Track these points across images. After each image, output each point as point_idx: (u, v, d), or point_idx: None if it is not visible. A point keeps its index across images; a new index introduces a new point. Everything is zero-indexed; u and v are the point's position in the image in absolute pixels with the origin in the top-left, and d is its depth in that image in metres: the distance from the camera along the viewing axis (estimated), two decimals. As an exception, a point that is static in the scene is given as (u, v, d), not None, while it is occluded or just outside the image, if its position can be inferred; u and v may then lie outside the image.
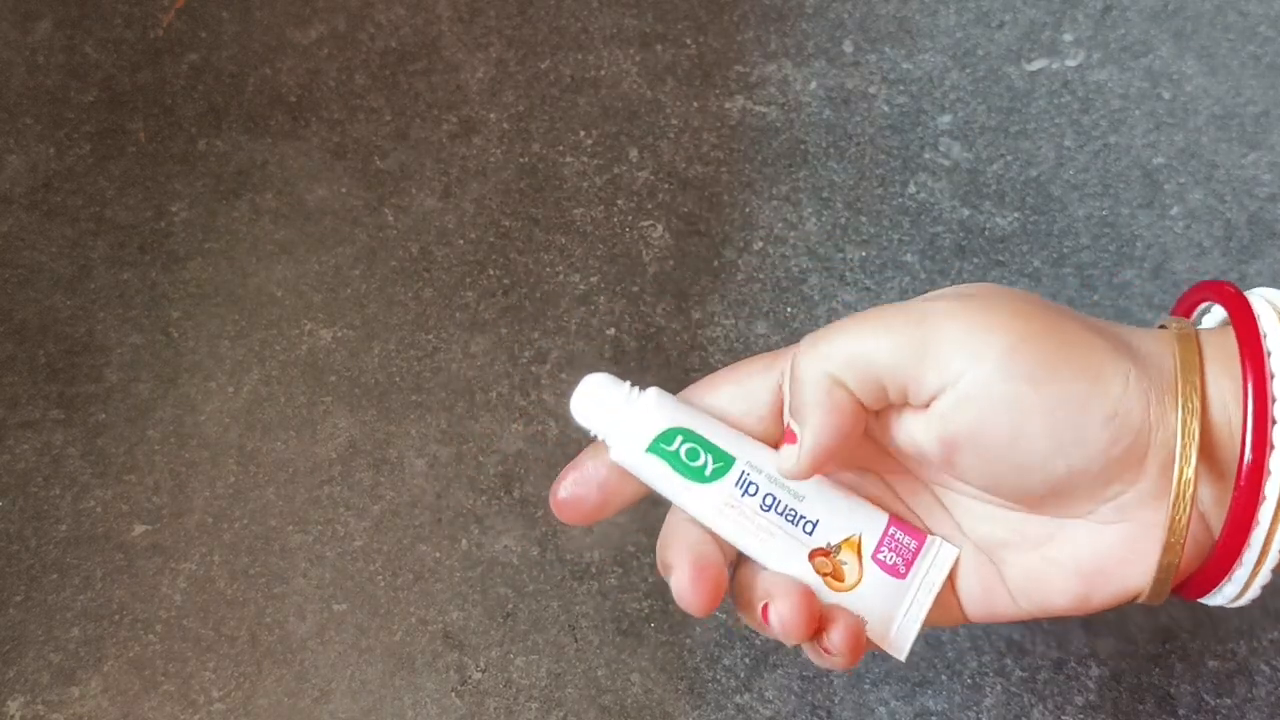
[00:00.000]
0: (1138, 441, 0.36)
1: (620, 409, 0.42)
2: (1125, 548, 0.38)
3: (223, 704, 0.59)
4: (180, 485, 0.64)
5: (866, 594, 0.40)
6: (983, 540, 0.42)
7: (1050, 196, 0.69)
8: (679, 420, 0.41)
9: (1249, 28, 0.73)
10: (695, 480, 0.41)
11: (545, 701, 0.59)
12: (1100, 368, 0.36)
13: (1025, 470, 0.37)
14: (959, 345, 0.36)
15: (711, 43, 0.75)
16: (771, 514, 0.40)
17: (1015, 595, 0.41)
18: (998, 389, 0.36)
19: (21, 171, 0.73)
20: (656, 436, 0.41)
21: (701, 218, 0.70)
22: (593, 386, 0.42)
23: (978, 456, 0.38)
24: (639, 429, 0.41)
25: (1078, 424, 0.36)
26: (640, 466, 0.41)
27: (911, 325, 0.37)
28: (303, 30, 0.77)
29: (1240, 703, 0.57)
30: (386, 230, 0.71)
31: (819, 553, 0.40)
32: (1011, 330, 0.36)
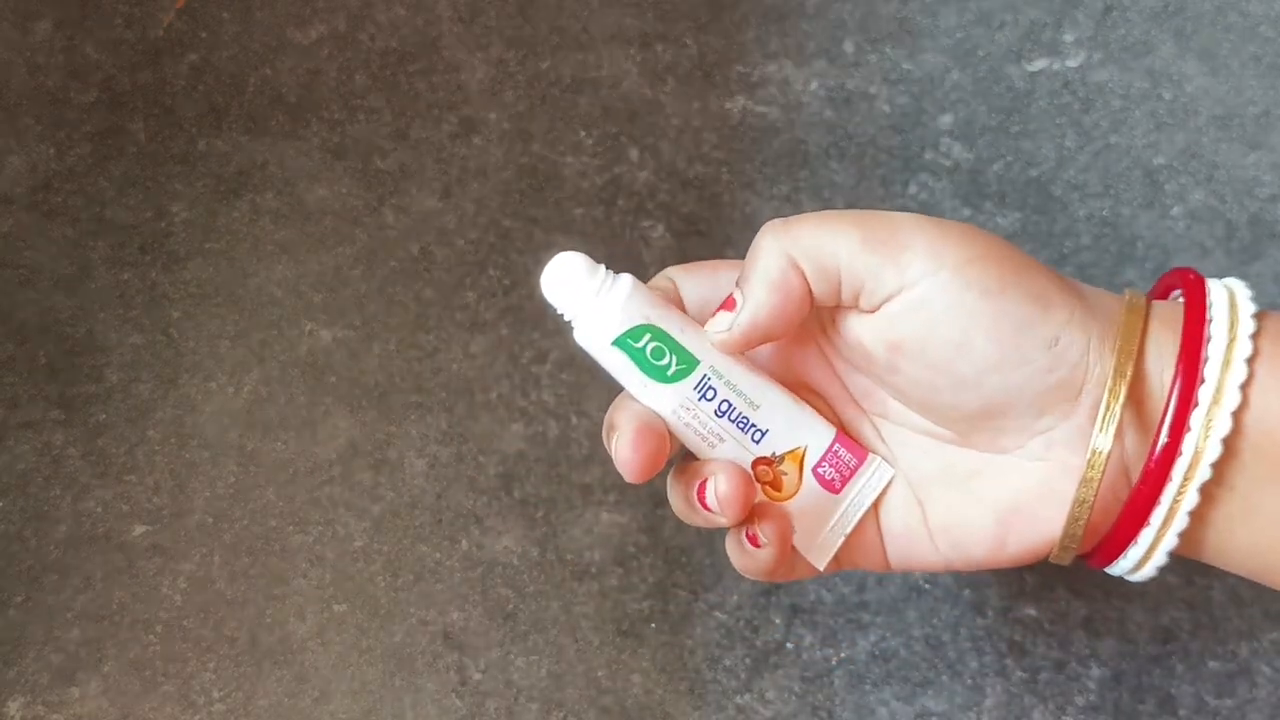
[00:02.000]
0: (1073, 375, 0.38)
1: (592, 295, 0.43)
2: (1045, 487, 0.39)
3: (223, 704, 0.59)
4: (180, 485, 0.64)
5: (799, 505, 0.42)
6: (912, 475, 0.43)
7: (1051, 196, 0.69)
8: (649, 316, 0.42)
9: (1250, 28, 0.73)
10: (655, 379, 0.42)
11: (546, 702, 0.59)
12: (1049, 297, 0.38)
13: (963, 384, 0.38)
14: (920, 252, 0.38)
15: (712, 43, 0.75)
16: (724, 420, 0.41)
17: (935, 536, 0.42)
18: (951, 296, 0.37)
19: (21, 171, 0.73)
20: (625, 331, 0.42)
21: (702, 218, 0.70)
22: (565, 266, 0.43)
23: (920, 363, 0.39)
24: (608, 320, 0.42)
25: (1020, 342, 0.37)
26: (604, 357, 0.42)
27: (879, 226, 0.38)
28: (303, 30, 0.77)
29: (1241, 704, 0.57)
30: (386, 230, 0.71)
31: (761, 461, 0.41)
32: (973, 246, 0.38)
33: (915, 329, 0.38)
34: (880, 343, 0.40)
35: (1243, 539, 0.40)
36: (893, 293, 0.38)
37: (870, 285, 0.38)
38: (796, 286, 0.39)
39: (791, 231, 0.39)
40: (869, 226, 0.38)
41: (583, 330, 0.43)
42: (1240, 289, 0.40)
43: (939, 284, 0.37)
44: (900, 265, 0.38)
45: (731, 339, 0.40)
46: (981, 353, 0.38)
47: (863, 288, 0.39)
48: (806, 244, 0.38)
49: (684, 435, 0.42)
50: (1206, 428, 0.37)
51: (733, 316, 0.40)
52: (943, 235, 0.38)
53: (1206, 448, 0.37)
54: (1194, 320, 0.38)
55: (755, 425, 0.41)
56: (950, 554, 0.42)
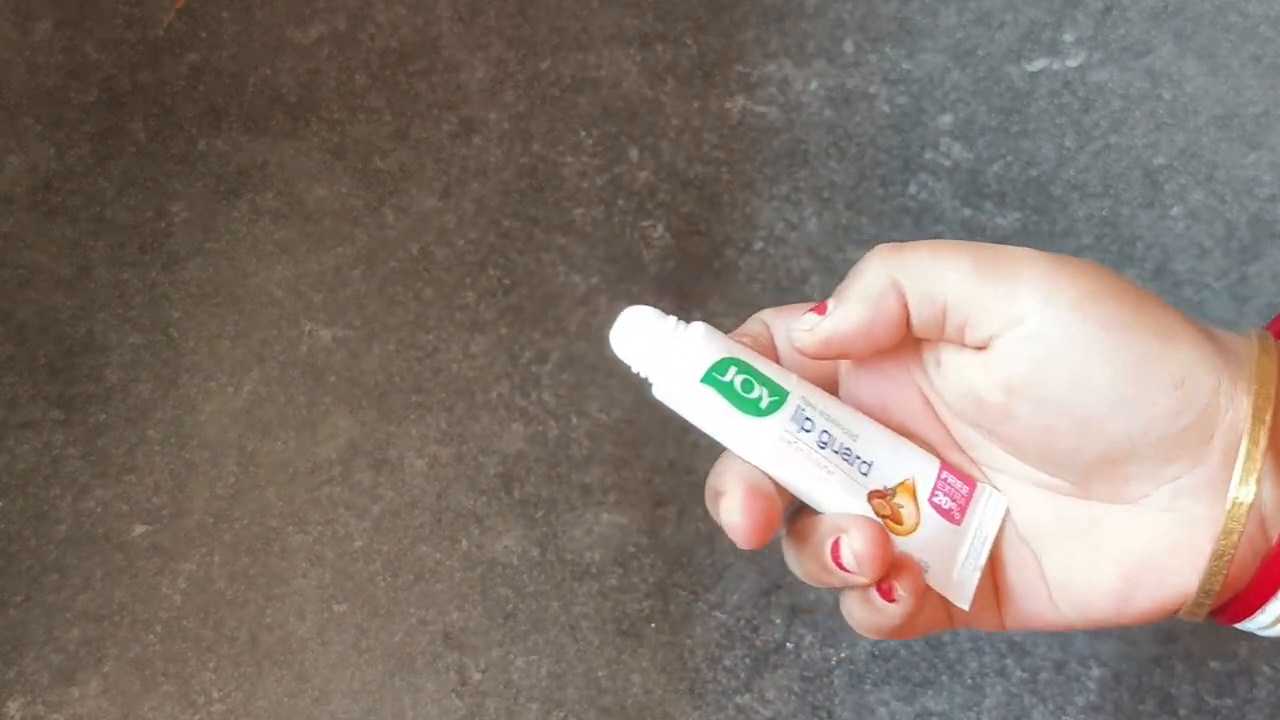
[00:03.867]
0: (1203, 420, 0.35)
1: (667, 341, 0.39)
2: (1175, 540, 0.36)
3: (223, 704, 0.59)
4: (180, 485, 0.64)
5: (925, 539, 0.38)
6: (1027, 527, 0.40)
7: (1051, 196, 0.69)
8: (730, 350, 0.39)
9: (1250, 28, 0.73)
10: (751, 413, 0.38)
11: (546, 702, 0.59)
12: (1174, 334, 0.35)
13: (1084, 427, 0.36)
14: (1035, 284, 0.35)
15: (712, 42, 0.75)
16: (828, 452, 0.38)
17: (1055, 593, 0.39)
18: (1068, 331, 0.35)
19: (21, 171, 0.73)
20: (710, 367, 0.38)
21: (702, 218, 0.70)
22: (636, 318, 0.40)
23: (1036, 404, 0.36)
24: (690, 360, 0.39)
25: (1144, 380, 0.35)
26: (690, 400, 0.38)
27: (992, 255, 0.36)
28: (303, 30, 0.77)
29: (1241, 703, 0.57)
30: (386, 230, 0.71)
31: (876, 494, 0.38)
32: (1090, 281, 0.35)
33: (1029, 366, 0.36)
34: (992, 384, 0.37)
35: None
36: (1004, 327, 0.36)
37: (978, 317, 0.36)
38: (893, 307, 0.37)
39: (901, 254, 0.37)
40: (981, 256, 0.36)
41: (664, 378, 0.40)
42: None
43: (1055, 318, 0.35)
44: (1013, 297, 0.35)
45: (812, 340, 0.38)
46: (1103, 391, 0.35)
47: (969, 319, 0.37)
48: (914, 269, 0.37)
49: (791, 473, 0.38)
50: None
51: (818, 319, 0.38)
52: (1059, 268, 0.36)
53: None
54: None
55: (859, 457, 0.38)
56: (1071, 613, 0.39)
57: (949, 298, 0.36)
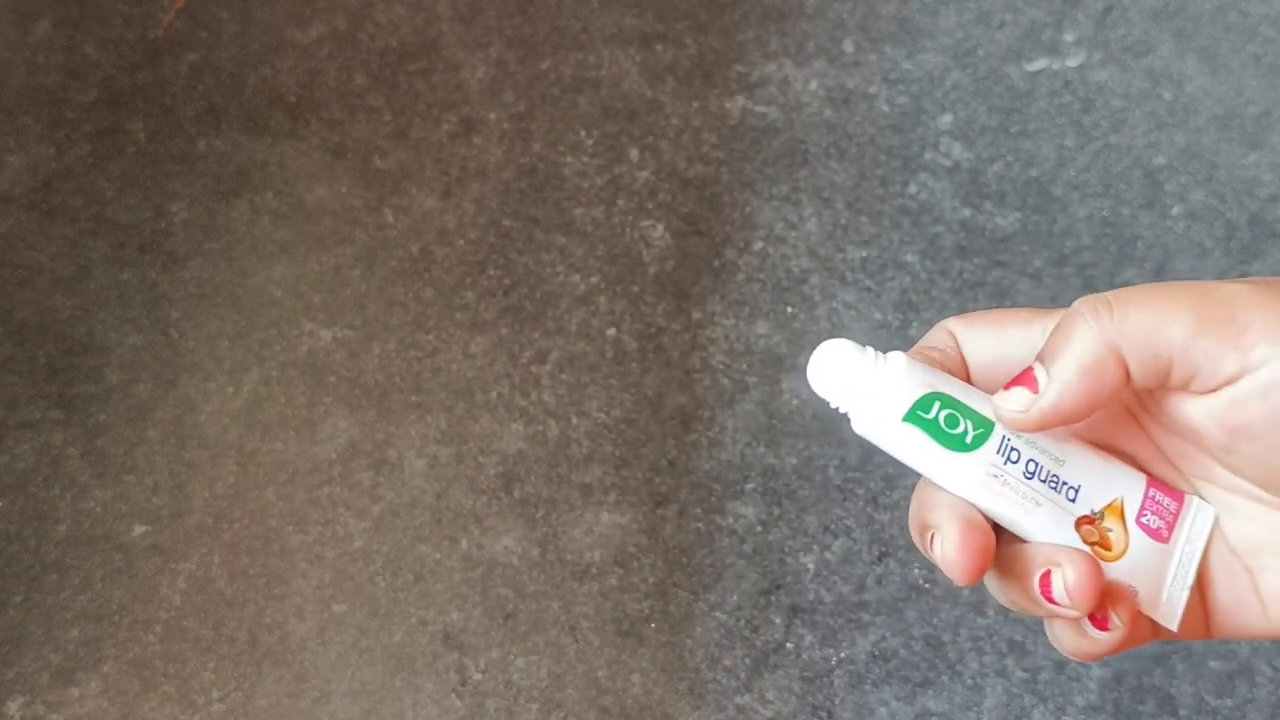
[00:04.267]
0: None
1: (867, 377, 0.38)
2: None
3: (222, 704, 0.59)
4: (180, 485, 0.64)
5: (1134, 562, 0.37)
6: (1240, 542, 0.38)
7: (1051, 196, 0.69)
8: (933, 384, 0.38)
9: (1250, 28, 0.73)
10: (956, 449, 0.37)
11: (545, 702, 0.59)
12: None
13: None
14: (1265, 330, 0.34)
15: (712, 42, 0.75)
16: (1035, 481, 0.37)
17: (1269, 606, 0.37)
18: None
19: (21, 171, 0.73)
20: (914, 403, 0.37)
21: (702, 218, 0.70)
22: (833, 352, 0.39)
23: (1267, 446, 0.35)
24: (893, 396, 0.37)
25: None
26: (894, 438, 0.37)
27: (1214, 304, 0.34)
28: (303, 30, 0.77)
29: (1241, 703, 0.57)
30: (386, 230, 0.71)
31: (1084, 520, 0.37)
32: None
33: (1263, 414, 0.34)
34: (1217, 425, 0.36)
35: None
36: (1234, 376, 0.34)
37: (1207, 370, 0.35)
38: (1112, 375, 0.35)
39: (1115, 315, 0.35)
40: (1202, 305, 0.34)
41: (864, 415, 0.39)
42: None
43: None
44: (1242, 349, 0.34)
45: (1028, 421, 0.36)
46: None
47: (1198, 373, 0.35)
48: (1133, 330, 0.34)
49: (997, 506, 0.37)
50: None
51: (1033, 398, 0.36)
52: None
53: None
54: None
55: (1066, 483, 0.37)
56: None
57: (1174, 355, 0.35)
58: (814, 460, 0.64)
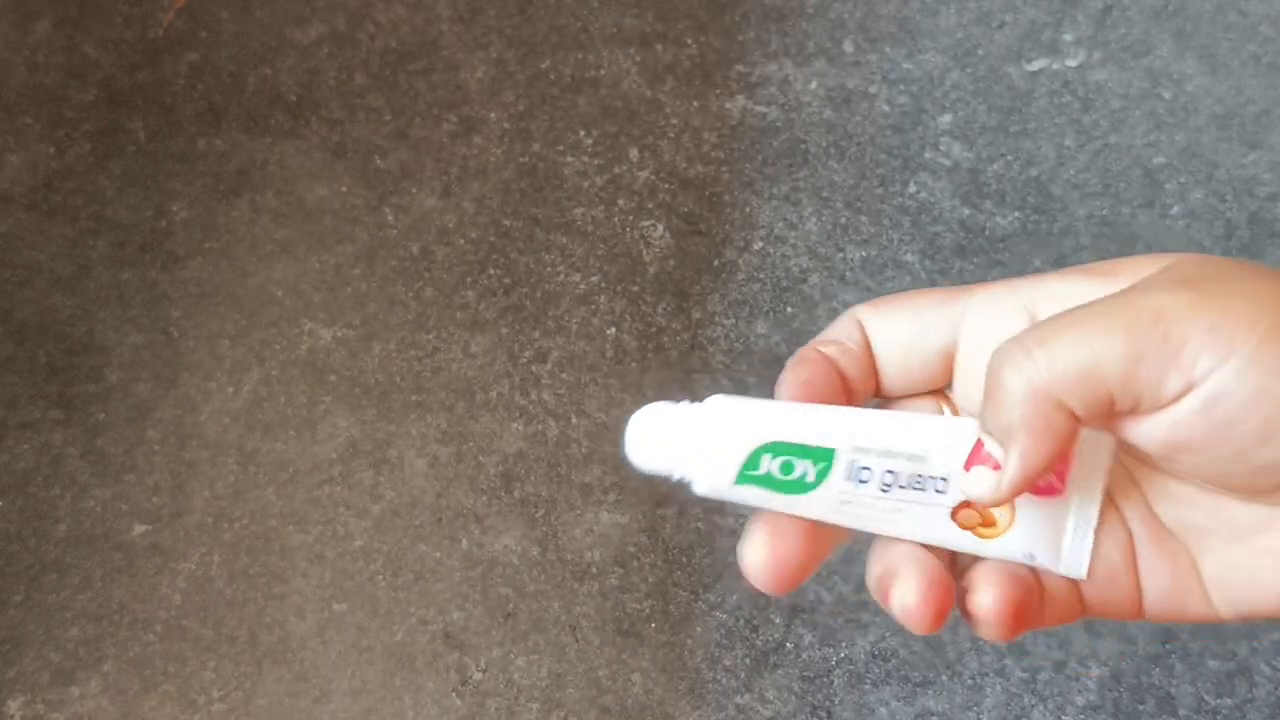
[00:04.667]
0: None
1: (689, 442, 0.37)
2: None
3: (222, 704, 0.59)
4: (180, 485, 0.64)
5: (1026, 529, 0.35)
6: (1179, 526, 0.37)
7: (1051, 196, 0.69)
8: (760, 434, 0.36)
9: (1249, 27, 0.73)
10: (799, 493, 0.36)
11: (546, 702, 0.59)
12: None
13: (1261, 470, 0.33)
14: (1203, 345, 0.32)
15: (712, 42, 0.75)
16: (894, 490, 0.36)
17: (1211, 592, 0.36)
18: (1247, 388, 0.32)
19: (21, 171, 0.73)
20: (742, 466, 0.36)
21: (702, 217, 0.70)
22: (648, 423, 0.37)
23: (1210, 457, 0.34)
24: (719, 461, 0.36)
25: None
26: (734, 498, 0.37)
27: (1146, 326, 0.32)
28: (303, 30, 0.77)
29: (1240, 703, 0.57)
30: (386, 230, 0.71)
31: (962, 506, 0.35)
32: (1259, 323, 0.32)
33: (1205, 430, 0.33)
34: (1158, 444, 0.34)
35: None
36: (1178, 395, 0.32)
37: (1149, 396, 0.33)
38: (1063, 424, 0.33)
39: (1042, 364, 0.33)
40: (1134, 328, 0.32)
41: (699, 481, 0.38)
42: None
43: (1232, 374, 0.32)
44: (1183, 368, 0.32)
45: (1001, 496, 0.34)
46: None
47: (1140, 400, 0.33)
48: (1064, 374, 0.32)
49: (860, 526, 0.37)
50: None
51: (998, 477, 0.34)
52: (1223, 314, 0.32)
53: None
54: None
55: (931, 477, 0.35)
56: (1226, 609, 0.36)
57: (1114, 389, 0.33)
58: (814, 460, 0.63)
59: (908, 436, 0.37)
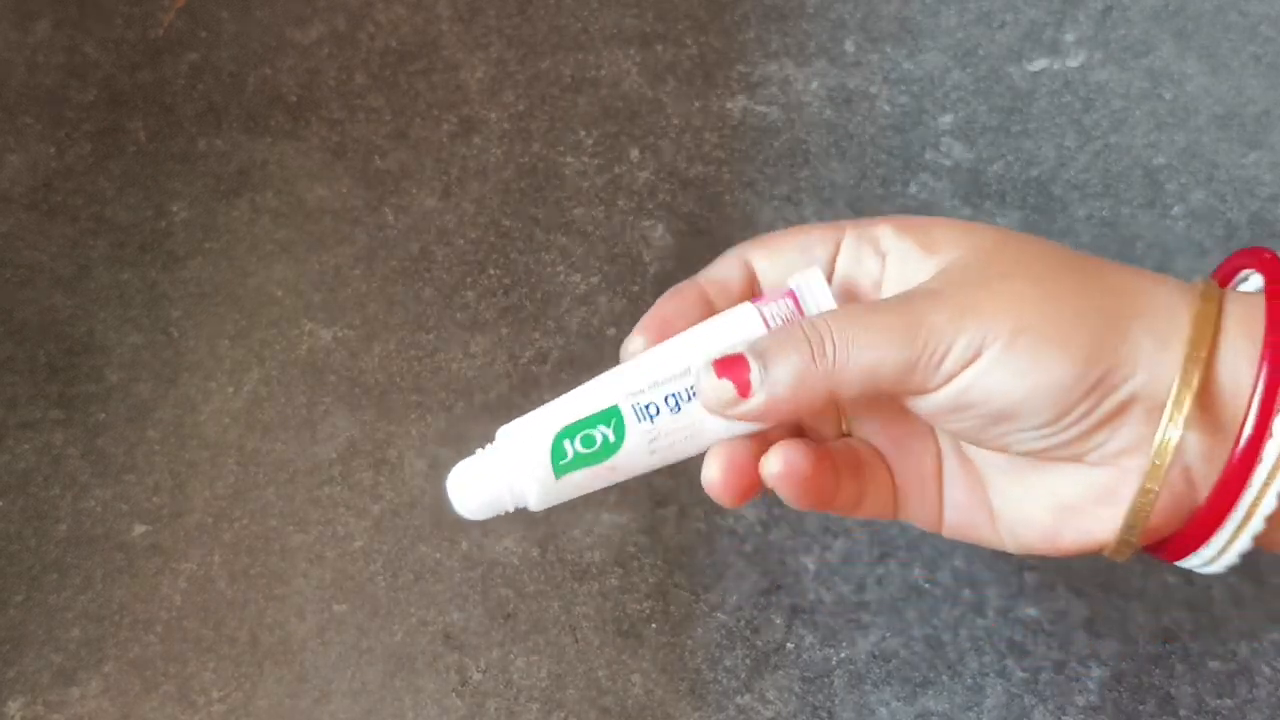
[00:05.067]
0: (1121, 398, 0.38)
1: (500, 471, 0.40)
2: (1105, 489, 0.39)
3: (223, 704, 0.59)
4: (180, 485, 0.64)
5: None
6: (975, 459, 0.43)
7: (1051, 196, 0.69)
8: (550, 428, 0.40)
9: (1250, 27, 0.73)
10: (611, 454, 0.40)
11: (546, 702, 0.59)
12: (1095, 345, 0.37)
13: (1013, 444, 0.39)
14: (959, 355, 0.37)
15: (712, 42, 0.75)
16: (686, 407, 0.40)
17: (995, 517, 0.42)
18: (987, 384, 0.37)
19: (21, 171, 0.73)
20: (551, 460, 0.39)
21: (702, 218, 0.70)
22: (460, 478, 0.41)
23: (960, 429, 0.39)
24: (530, 468, 0.40)
25: (1068, 399, 0.37)
26: (568, 491, 0.40)
27: (920, 341, 0.37)
28: (303, 30, 0.77)
29: (1241, 704, 0.57)
30: (386, 230, 0.71)
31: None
32: (1005, 328, 0.37)
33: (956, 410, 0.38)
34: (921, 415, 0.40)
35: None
36: (937, 388, 0.38)
37: (916, 392, 0.38)
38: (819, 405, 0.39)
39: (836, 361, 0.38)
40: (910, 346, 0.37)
41: (531, 499, 0.41)
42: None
43: (976, 374, 0.37)
44: (943, 371, 0.37)
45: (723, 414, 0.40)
46: (1027, 418, 0.37)
47: (907, 395, 0.39)
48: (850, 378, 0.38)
49: (679, 453, 0.40)
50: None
51: (737, 401, 0.39)
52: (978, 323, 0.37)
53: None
54: (1276, 319, 0.36)
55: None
56: (1006, 537, 0.42)
57: (885, 388, 0.38)
58: (814, 460, 0.63)
59: (671, 359, 0.40)
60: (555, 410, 0.40)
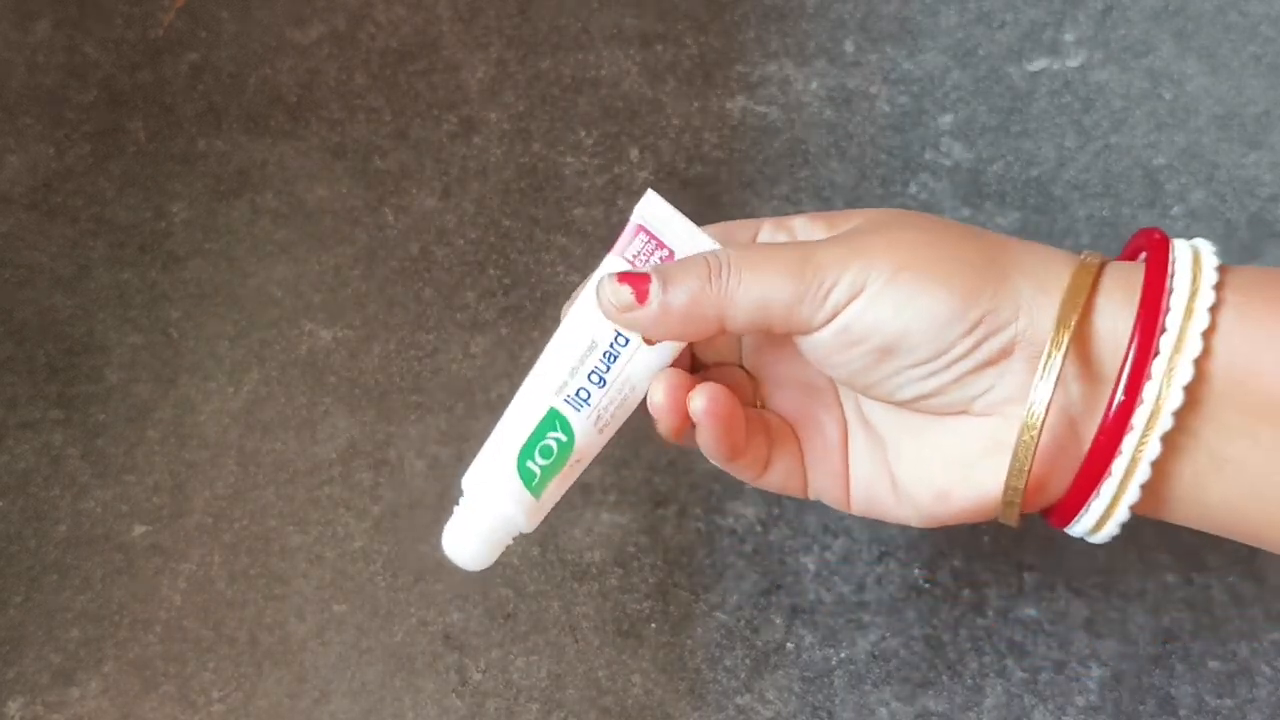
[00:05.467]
0: (1008, 341, 0.39)
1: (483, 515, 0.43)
2: (990, 439, 0.40)
3: (222, 705, 0.59)
4: (180, 485, 0.64)
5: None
6: (876, 423, 0.44)
7: (1051, 196, 0.69)
8: (508, 455, 0.42)
9: (1250, 28, 0.73)
10: (570, 451, 0.43)
11: (546, 703, 0.59)
12: (975, 284, 0.39)
13: (893, 385, 0.40)
14: (844, 289, 0.39)
15: (712, 42, 0.75)
16: (610, 375, 0.42)
17: (895, 484, 0.43)
18: (868, 319, 0.39)
19: (21, 171, 0.73)
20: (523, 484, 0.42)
21: (703, 218, 0.70)
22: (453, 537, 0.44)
23: (846, 371, 0.41)
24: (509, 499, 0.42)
25: (944, 336, 0.39)
26: (547, 504, 0.43)
27: (809, 275, 0.40)
28: (303, 30, 0.77)
29: (1241, 704, 0.57)
30: (386, 230, 0.71)
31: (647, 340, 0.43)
32: (887, 267, 0.39)
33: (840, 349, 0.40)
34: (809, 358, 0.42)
35: (1215, 494, 0.39)
36: (823, 324, 0.40)
37: (803, 327, 0.40)
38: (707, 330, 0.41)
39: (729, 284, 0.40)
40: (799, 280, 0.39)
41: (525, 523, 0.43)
42: (1205, 246, 0.40)
43: (859, 308, 0.39)
44: (828, 306, 0.39)
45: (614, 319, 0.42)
46: (908, 354, 0.39)
47: (795, 331, 0.41)
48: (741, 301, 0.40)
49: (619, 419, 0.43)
50: (1168, 375, 0.37)
51: (633, 308, 0.41)
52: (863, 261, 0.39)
53: (1169, 395, 0.37)
54: (1156, 272, 0.38)
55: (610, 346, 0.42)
56: (905, 504, 0.43)
57: (773, 322, 0.40)
58: (814, 460, 0.63)
59: (575, 340, 0.43)
60: (503, 439, 0.43)
